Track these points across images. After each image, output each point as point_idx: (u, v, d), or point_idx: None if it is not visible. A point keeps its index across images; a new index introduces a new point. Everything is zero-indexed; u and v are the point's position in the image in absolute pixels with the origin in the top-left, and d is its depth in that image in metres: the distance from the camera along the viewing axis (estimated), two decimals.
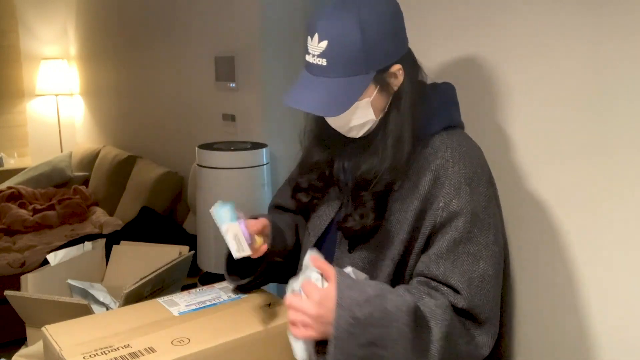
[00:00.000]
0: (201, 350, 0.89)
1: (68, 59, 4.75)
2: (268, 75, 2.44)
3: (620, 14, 1.11)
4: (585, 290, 1.23)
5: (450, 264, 1.05)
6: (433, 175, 1.08)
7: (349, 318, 0.92)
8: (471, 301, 1.04)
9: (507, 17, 1.31)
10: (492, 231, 1.08)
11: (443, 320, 1.00)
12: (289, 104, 1.05)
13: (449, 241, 1.05)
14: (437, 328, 0.99)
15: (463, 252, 1.05)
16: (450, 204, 1.06)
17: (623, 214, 1.15)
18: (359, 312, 0.93)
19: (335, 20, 1.01)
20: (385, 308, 0.95)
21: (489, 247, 1.07)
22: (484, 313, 1.05)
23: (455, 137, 1.12)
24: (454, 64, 1.45)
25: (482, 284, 1.05)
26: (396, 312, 0.95)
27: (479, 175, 1.10)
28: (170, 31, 3.21)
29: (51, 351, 0.91)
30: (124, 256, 1.59)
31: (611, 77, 1.14)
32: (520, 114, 1.31)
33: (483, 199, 1.09)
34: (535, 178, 1.30)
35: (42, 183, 3.99)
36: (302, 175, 1.22)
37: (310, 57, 1.03)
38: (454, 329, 1.02)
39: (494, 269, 1.07)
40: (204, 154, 2.16)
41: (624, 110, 1.12)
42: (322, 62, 1.02)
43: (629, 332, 1.16)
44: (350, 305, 0.93)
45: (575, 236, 1.24)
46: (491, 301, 1.07)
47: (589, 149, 1.19)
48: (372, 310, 0.94)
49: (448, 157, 1.08)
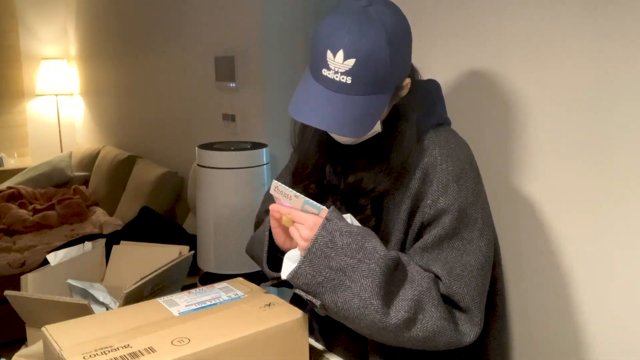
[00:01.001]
0: (201, 350, 0.89)
1: (68, 59, 4.75)
2: (268, 75, 2.44)
3: (621, 13, 1.11)
4: (581, 291, 1.23)
5: (433, 256, 1.07)
6: (422, 173, 1.09)
7: (327, 240, 0.98)
8: (450, 287, 1.05)
9: (506, 17, 1.31)
10: (477, 226, 1.09)
11: (420, 287, 1.01)
12: (304, 119, 1.01)
13: (434, 237, 1.07)
14: (410, 289, 1.01)
15: (447, 247, 1.07)
16: (438, 201, 1.07)
17: (620, 214, 1.15)
18: (338, 238, 0.98)
19: (362, 38, 0.96)
20: (364, 245, 0.99)
21: (473, 242, 1.08)
22: (463, 302, 1.05)
23: (443, 135, 1.12)
24: (452, 64, 1.45)
25: (463, 273, 1.06)
26: (372, 252, 0.98)
27: (467, 172, 1.10)
28: (170, 31, 3.21)
29: (51, 351, 0.91)
30: (124, 256, 1.59)
31: (612, 77, 1.14)
32: (519, 114, 1.31)
33: (471, 194, 1.09)
34: (532, 178, 1.30)
35: (42, 183, 3.99)
36: (298, 183, 1.20)
37: (331, 73, 0.98)
38: (429, 298, 1.01)
39: (477, 261, 1.08)
40: (204, 154, 2.16)
41: (623, 110, 1.12)
42: (346, 80, 0.97)
43: (625, 332, 1.16)
44: (333, 231, 0.99)
45: (571, 236, 1.24)
46: (472, 291, 1.06)
47: (589, 148, 1.19)
48: (350, 242, 0.98)
49: (436, 155, 1.09)
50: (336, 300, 0.98)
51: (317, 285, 0.98)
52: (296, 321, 1.01)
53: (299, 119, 1.03)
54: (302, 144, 1.22)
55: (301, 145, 1.22)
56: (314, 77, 1.02)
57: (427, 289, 1.02)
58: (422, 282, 1.02)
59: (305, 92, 1.03)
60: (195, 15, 2.91)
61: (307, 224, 1.01)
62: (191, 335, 0.93)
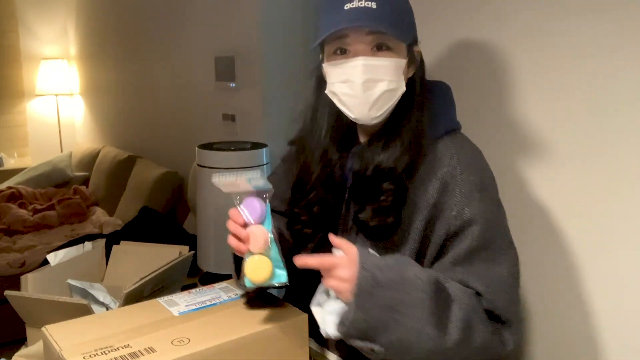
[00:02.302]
0: (201, 350, 0.89)
1: (68, 59, 4.75)
2: (268, 75, 2.44)
3: (622, 14, 1.11)
4: (591, 294, 1.23)
5: (466, 269, 1.05)
6: (441, 183, 1.06)
7: (370, 280, 0.93)
8: (492, 303, 1.04)
9: (510, 18, 1.31)
10: (505, 236, 1.09)
11: (466, 304, 1.00)
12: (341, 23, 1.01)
13: (465, 250, 1.05)
14: (457, 309, 0.98)
15: (479, 259, 1.05)
16: (463, 212, 1.05)
17: (627, 215, 1.14)
18: (380, 275, 0.94)
19: None
20: (406, 275, 0.96)
21: (504, 251, 1.08)
22: (504, 314, 1.05)
23: (459, 142, 1.11)
24: (454, 63, 1.45)
25: (501, 286, 1.05)
26: (415, 279, 0.95)
27: (486, 181, 1.09)
28: (170, 31, 3.21)
29: (51, 351, 0.91)
30: (124, 256, 1.59)
31: (623, 76, 1.14)
32: (521, 114, 1.31)
33: (492, 203, 1.08)
34: (537, 179, 1.30)
35: (42, 183, 3.99)
36: (299, 201, 1.17)
37: (354, 2, 1.00)
38: (476, 315, 1.01)
39: (510, 271, 1.07)
40: (204, 154, 2.16)
41: (629, 111, 1.12)
42: (371, 5, 1.00)
43: (637, 336, 1.16)
44: (372, 268, 0.94)
45: (579, 238, 1.23)
46: (511, 303, 1.07)
47: (594, 149, 1.18)
48: (392, 276, 0.95)
49: (455, 164, 1.07)
50: (392, 340, 0.95)
51: (371, 330, 0.94)
52: (296, 321, 1.01)
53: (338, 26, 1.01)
54: (312, 135, 1.18)
55: (311, 136, 1.18)
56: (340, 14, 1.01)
57: (473, 307, 1.01)
58: (466, 299, 1.00)
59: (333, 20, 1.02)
60: (195, 15, 2.91)
61: (341, 263, 0.96)
62: (191, 335, 0.93)
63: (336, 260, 0.97)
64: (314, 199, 1.15)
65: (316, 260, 0.97)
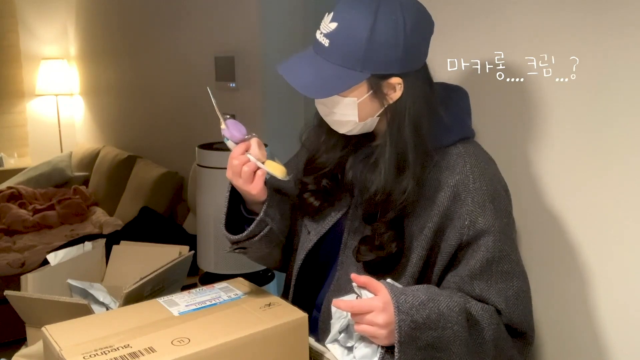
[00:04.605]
0: (201, 350, 0.89)
1: (68, 59, 4.75)
2: (268, 75, 2.44)
3: (623, 13, 1.11)
4: (598, 299, 1.21)
5: (484, 283, 1.05)
6: (452, 191, 1.05)
7: (410, 322, 0.92)
8: (510, 318, 1.05)
9: (517, 23, 1.31)
10: (516, 246, 1.09)
11: (491, 324, 1.02)
12: (281, 71, 1.03)
13: (482, 261, 1.04)
14: (486, 332, 1.01)
15: (496, 272, 1.05)
16: (477, 222, 1.04)
17: (638, 219, 1.13)
18: (417, 316, 0.93)
19: (352, 9, 0.98)
20: (440, 310, 0.95)
21: (520, 263, 1.09)
22: (521, 327, 1.07)
23: (472, 151, 1.09)
24: (459, 69, 1.44)
25: (518, 300, 1.06)
26: (449, 313, 0.96)
27: (500, 191, 1.09)
28: (170, 31, 3.21)
29: (51, 351, 0.91)
30: (124, 256, 1.59)
31: (619, 80, 1.14)
32: (526, 119, 1.31)
33: (505, 215, 1.08)
34: (544, 184, 1.28)
35: (42, 183, 3.99)
36: (309, 173, 1.17)
37: (318, 33, 1.01)
38: (501, 333, 1.04)
39: (525, 283, 1.09)
40: (204, 154, 2.16)
41: (634, 113, 1.11)
42: (325, 42, 1.00)
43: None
44: (409, 309, 0.93)
45: (587, 243, 1.22)
46: (527, 315, 1.08)
47: (602, 152, 1.16)
48: (428, 313, 0.94)
49: (468, 173, 1.05)
50: None
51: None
52: (296, 321, 1.01)
53: (279, 71, 1.04)
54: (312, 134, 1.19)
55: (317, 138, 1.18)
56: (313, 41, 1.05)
57: (497, 326, 1.03)
58: (492, 320, 1.02)
59: (301, 52, 1.06)
60: (195, 15, 2.91)
61: (376, 308, 0.94)
62: (191, 335, 0.93)
63: (369, 306, 0.94)
64: (324, 172, 1.15)
65: (348, 305, 0.96)
